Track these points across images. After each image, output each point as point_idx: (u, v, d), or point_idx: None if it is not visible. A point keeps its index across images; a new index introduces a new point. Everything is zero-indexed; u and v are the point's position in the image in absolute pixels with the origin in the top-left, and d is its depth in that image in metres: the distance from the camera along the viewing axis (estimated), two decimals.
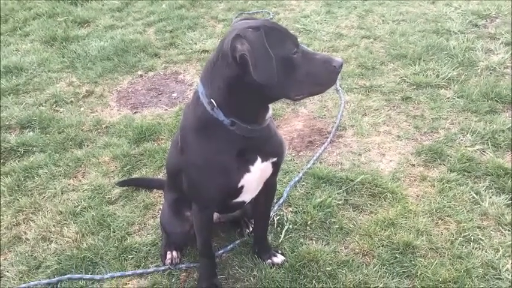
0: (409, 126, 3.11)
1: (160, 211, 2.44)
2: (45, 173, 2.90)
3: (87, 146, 3.15)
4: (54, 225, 2.52)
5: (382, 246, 2.26)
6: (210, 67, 1.65)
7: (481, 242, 2.25)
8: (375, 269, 2.16)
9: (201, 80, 1.71)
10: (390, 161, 2.83)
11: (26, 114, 3.49)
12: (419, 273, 2.12)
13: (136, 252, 2.33)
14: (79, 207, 2.62)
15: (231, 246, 2.34)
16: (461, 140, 2.92)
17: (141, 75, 4.02)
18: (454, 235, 2.30)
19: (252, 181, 1.82)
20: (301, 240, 2.34)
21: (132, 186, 2.74)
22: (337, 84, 3.54)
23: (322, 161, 2.86)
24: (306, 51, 1.62)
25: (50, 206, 2.66)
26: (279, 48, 1.52)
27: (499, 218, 2.37)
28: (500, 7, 4.56)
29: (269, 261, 2.22)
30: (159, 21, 4.98)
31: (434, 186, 2.60)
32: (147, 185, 2.73)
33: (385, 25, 4.48)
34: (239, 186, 1.80)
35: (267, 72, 1.48)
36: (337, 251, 2.27)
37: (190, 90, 3.69)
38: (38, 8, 5.46)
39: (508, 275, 2.09)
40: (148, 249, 2.35)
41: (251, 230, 2.38)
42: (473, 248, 2.23)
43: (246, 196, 1.91)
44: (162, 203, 2.51)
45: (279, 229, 2.40)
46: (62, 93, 3.76)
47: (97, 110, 3.57)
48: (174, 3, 5.37)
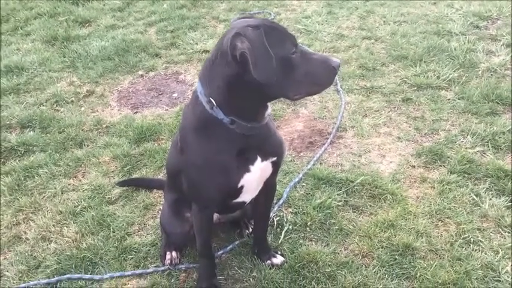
0: (409, 127, 3.11)
1: (160, 211, 2.44)
2: (46, 172, 2.90)
3: (88, 145, 3.15)
4: (54, 225, 2.53)
5: (382, 248, 2.26)
6: (209, 66, 1.64)
7: (481, 244, 2.25)
8: (375, 270, 2.16)
9: (199, 80, 1.70)
10: (390, 162, 2.83)
11: (27, 113, 3.49)
12: (418, 274, 2.12)
13: (135, 252, 2.34)
14: (79, 207, 2.62)
15: (231, 246, 2.34)
16: (462, 142, 2.92)
17: (141, 75, 4.02)
18: (453, 237, 2.30)
19: (252, 181, 1.82)
20: (301, 241, 2.34)
21: (132, 187, 2.74)
22: (338, 85, 3.54)
23: (322, 162, 2.86)
24: (305, 51, 1.62)
25: (50, 205, 2.66)
26: (278, 47, 1.52)
27: (499, 220, 2.37)
28: (502, 8, 4.55)
29: (268, 262, 2.22)
30: (160, 21, 4.98)
31: (434, 188, 2.60)
32: (147, 185, 2.73)
33: (386, 26, 4.48)
34: (239, 186, 1.80)
35: (266, 70, 1.48)
36: (336, 252, 2.27)
37: (191, 91, 3.69)
38: (39, 8, 5.46)
39: (507, 277, 2.09)
40: (148, 250, 2.35)
41: (251, 230, 2.38)
42: (472, 250, 2.22)
43: (246, 196, 1.91)
44: (162, 203, 2.52)
45: (278, 230, 2.40)
46: (63, 93, 3.77)
47: (97, 110, 3.58)
48: (175, 3, 5.37)
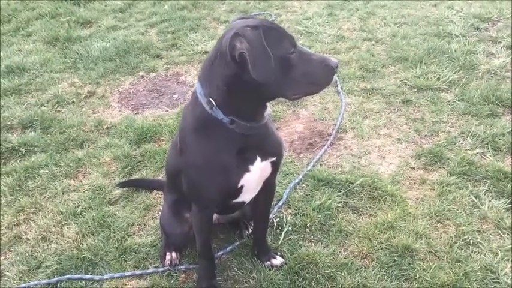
0: (409, 129, 3.12)
1: (160, 212, 2.44)
2: (46, 173, 2.91)
3: (88, 146, 3.16)
4: (54, 226, 2.53)
5: (381, 249, 2.27)
6: (208, 66, 1.65)
7: (480, 246, 2.25)
8: (374, 271, 2.16)
9: (199, 80, 1.72)
10: (390, 163, 2.84)
11: (28, 114, 3.50)
12: (417, 276, 2.12)
13: (135, 253, 2.34)
14: (79, 208, 2.63)
15: (230, 247, 2.34)
16: (462, 144, 2.93)
17: (142, 76, 4.03)
18: (453, 238, 2.30)
19: (251, 181, 1.83)
20: (301, 242, 2.34)
21: (132, 187, 2.75)
22: (338, 86, 3.54)
23: (322, 163, 2.87)
24: (303, 52, 1.63)
25: (51, 206, 2.67)
26: (276, 47, 1.53)
27: (499, 221, 2.37)
28: (502, 10, 4.55)
29: (268, 263, 2.22)
30: (161, 22, 4.99)
31: (434, 190, 2.60)
32: (148, 186, 2.74)
33: (387, 28, 4.48)
34: (239, 186, 1.81)
35: (265, 70, 1.49)
36: (336, 253, 2.27)
37: (192, 92, 3.69)
38: (40, 8, 5.47)
39: (506, 279, 2.09)
40: (148, 250, 2.35)
41: (250, 231, 2.39)
42: (472, 252, 2.23)
43: (245, 196, 1.92)
44: (162, 204, 2.52)
45: (278, 231, 2.41)
46: (64, 94, 3.78)
47: (98, 111, 3.58)
48: (176, 5, 5.38)
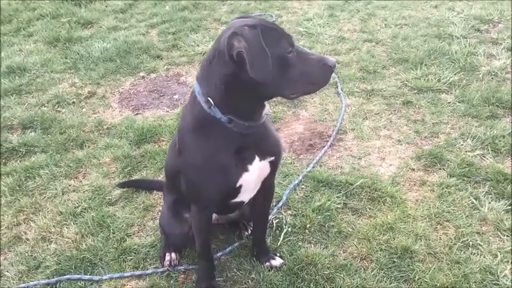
0: (409, 130, 3.12)
1: (159, 213, 2.45)
2: (46, 173, 2.91)
3: (88, 147, 3.16)
4: (54, 226, 2.54)
5: (381, 251, 2.26)
6: (207, 66, 1.65)
7: (480, 248, 2.25)
8: (373, 273, 2.16)
9: (197, 79, 1.72)
10: (390, 165, 2.84)
11: (28, 114, 3.51)
12: (417, 277, 2.12)
13: (135, 253, 2.34)
14: (79, 208, 2.63)
15: (230, 248, 2.34)
16: (462, 145, 2.93)
17: (143, 77, 4.04)
18: (452, 240, 2.30)
19: (250, 180, 1.83)
20: (300, 243, 2.34)
21: (132, 188, 2.75)
22: (339, 87, 3.55)
23: (322, 164, 2.87)
24: (301, 51, 1.64)
25: (51, 206, 2.67)
26: (274, 47, 1.54)
27: (498, 223, 2.37)
28: (503, 12, 4.55)
29: (267, 264, 2.22)
30: (162, 23, 4.99)
31: (434, 191, 2.60)
32: (147, 186, 2.74)
33: (388, 29, 4.48)
34: (237, 185, 1.81)
35: (263, 70, 1.49)
36: (335, 254, 2.27)
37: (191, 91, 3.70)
38: (41, 9, 5.48)
39: (506, 280, 2.09)
40: (148, 251, 2.35)
41: (250, 232, 2.39)
42: (471, 254, 2.23)
43: (244, 196, 1.92)
44: (161, 204, 2.52)
45: (277, 232, 2.41)
46: (64, 94, 3.78)
47: (99, 111, 3.59)
48: (177, 5, 5.38)
